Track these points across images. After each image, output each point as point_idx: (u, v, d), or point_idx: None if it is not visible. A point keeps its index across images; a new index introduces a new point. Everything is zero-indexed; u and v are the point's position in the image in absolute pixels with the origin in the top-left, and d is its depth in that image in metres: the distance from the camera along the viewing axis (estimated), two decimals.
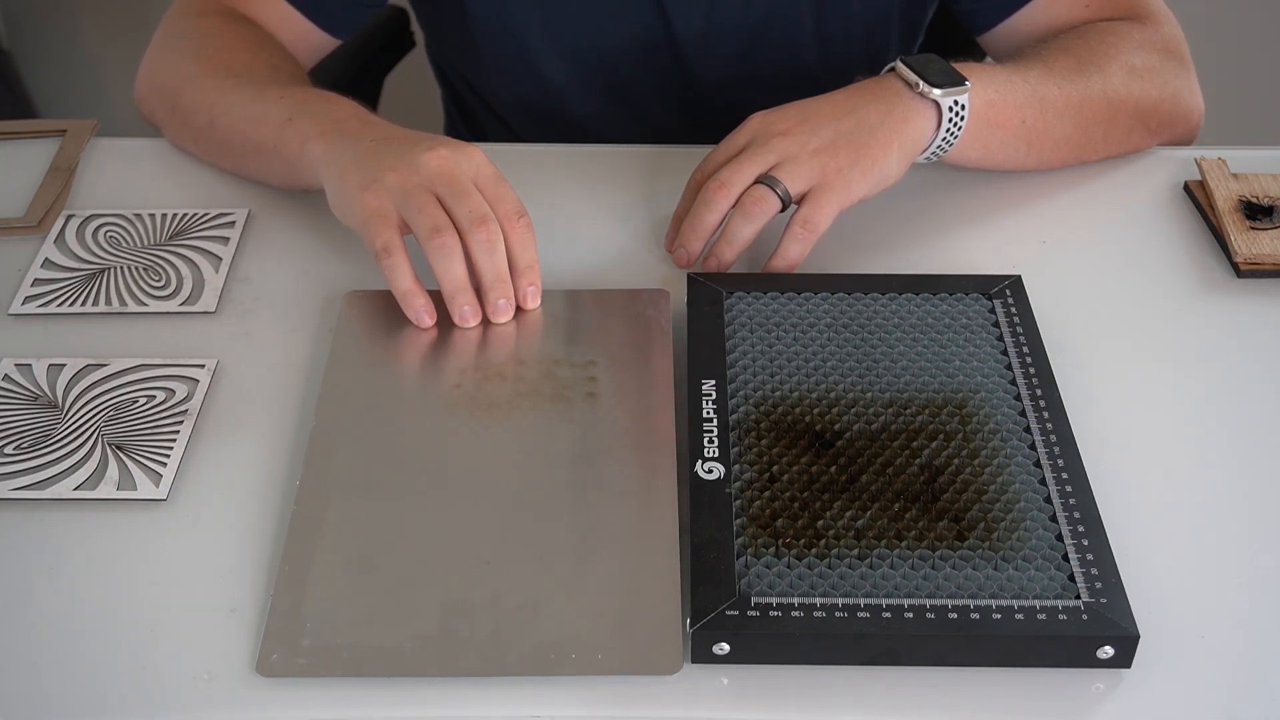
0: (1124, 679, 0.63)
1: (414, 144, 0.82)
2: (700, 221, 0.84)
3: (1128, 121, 0.95)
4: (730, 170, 0.84)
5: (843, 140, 0.84)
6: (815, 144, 0.84)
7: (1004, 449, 0.71)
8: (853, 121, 0.85)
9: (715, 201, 0.84)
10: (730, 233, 0.84)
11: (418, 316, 0.81)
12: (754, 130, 0.86)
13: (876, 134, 0.84)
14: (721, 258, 0.84)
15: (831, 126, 0.85)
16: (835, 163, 0.83)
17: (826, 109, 0.86)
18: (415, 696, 0.63)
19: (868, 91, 0.87)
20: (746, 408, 0.73)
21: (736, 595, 0.63)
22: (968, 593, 0.64)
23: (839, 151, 0.84)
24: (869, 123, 0.85)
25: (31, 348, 0.82)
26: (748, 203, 0.83)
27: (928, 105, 0.86)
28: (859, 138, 0.84)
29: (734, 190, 0.84)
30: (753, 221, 0.83)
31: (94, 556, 0.69)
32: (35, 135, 1.01)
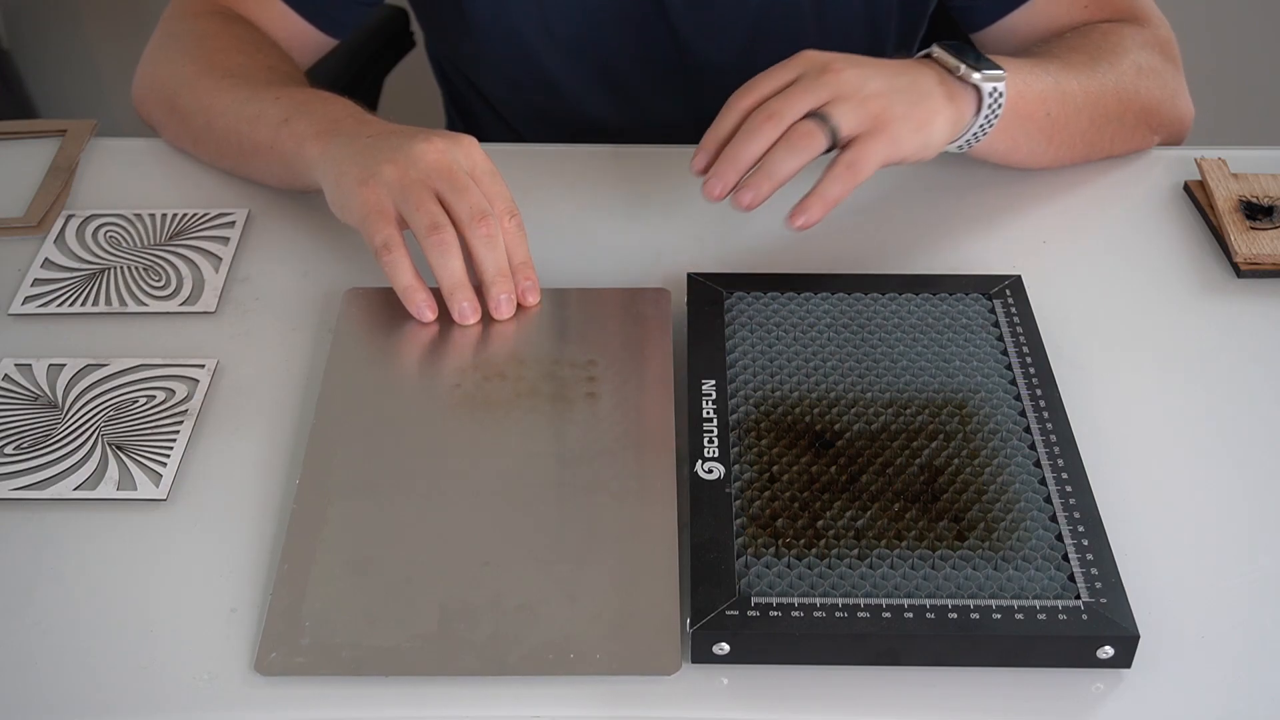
0: (1124, 679, 0.63)
1: (410, 137, 0.82)
2: (743, 150, 0.80)
3: (1134, 120, 0.95)
4: (780, 101, 0.81)
5: (897, 93, 0.81)
6: (870, 89, 0.81)
7: (1004, 449, 0.71)
8: (907, 80, 0.82)
9: (762, 131, 0.80)
10: (772, 165, 0.80)
11: (419, 311, 0.81)
12: (805, 64, 0.83)
13: (929, 98, 0.82)
14: (759, 190, 0.80)
15: (886, 78, 0.82)
16: (889, 111, 0.81)
17: (883, 63, 0.83)
18: (414, 696, 0.63)
19: (915, 63, 0.85)
20: (746, 407, 0.73)
21: (736, 595, 0.63)
22: (968, 593, 0.64)
23: (893, 102, 0.81)
24: (922, 86, 0.83)
25: (31, 348, 0.82)
26: (795, 135, 0.80)
27: (969, 90, 0.85)
28: (913, 95, 0.82)
29: (783, 122, 0.80)
30: (798, 155, 0.80)
31: (94, 556, 0.69)
32: (35, 135, 1.01)
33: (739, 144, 0.80)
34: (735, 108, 0.83)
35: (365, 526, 0.69)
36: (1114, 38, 0.96)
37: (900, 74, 0.83)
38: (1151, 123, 0.97)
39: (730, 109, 0.83)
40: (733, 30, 1.05)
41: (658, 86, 1.09)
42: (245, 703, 0.63)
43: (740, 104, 0.83)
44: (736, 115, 0.82)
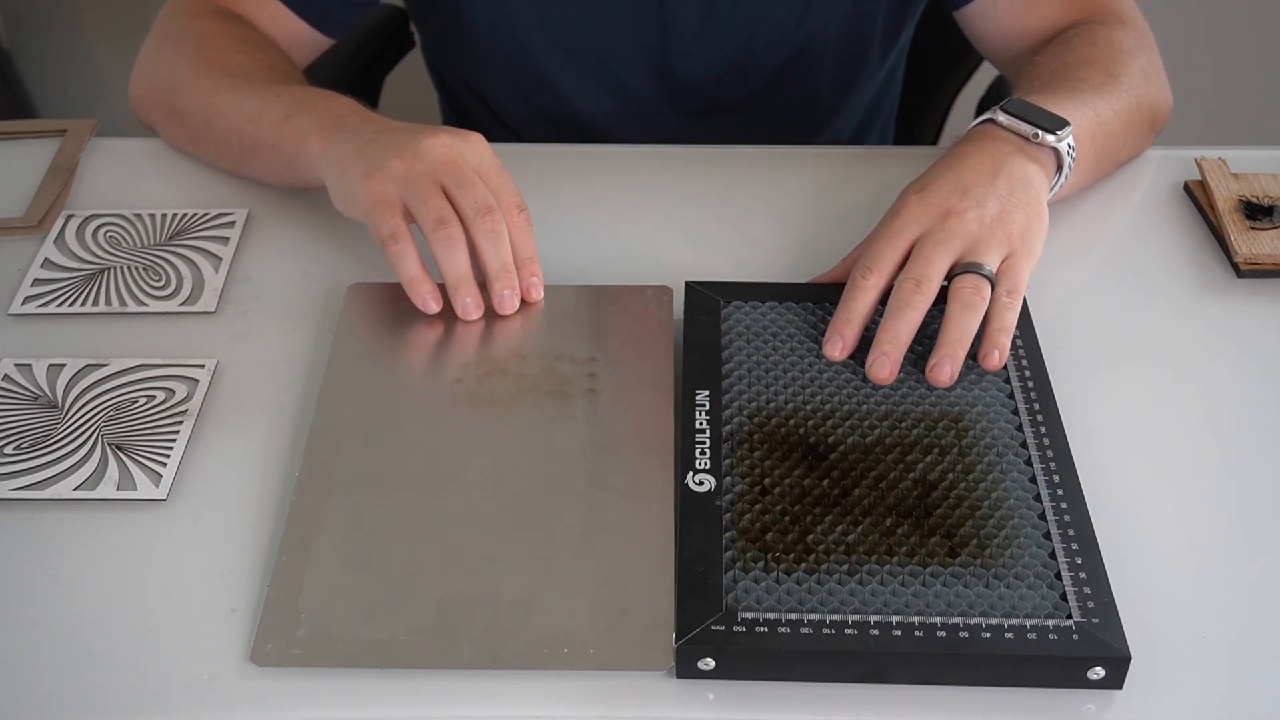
0: (1116, 699, 0.63)
1: (416, 133, 0.83)
2: (902, 325, 0.76)
3: (1147, 127, 0.96)
4: (922, 266, 0.78)
5: (1009, 204, 0.80)
6: (990, 215, 0.80)
7: (999, 464, 0.71)
8: (1005, 181, 0.81)
9: (915, 302, 0.77)
10: (957, 330, 0.76)
11: (424, 303, 0.81)
12: (917, 217, 0.80)
13: (1030, 188, 0.82)
14: (956, 359, 0.75)
15: (992, 193, 0.81)
16: (1015, 229, 0.80)
17: (974, 174, 0.82)
18: (410, 693, 0.63)
19: (992, 145, 0.84)
20: (740, 419, 0.73)
21: (723, 610, 0.63)
22: (958, 610, 0.64)
23: (1013, 216, 0.80)
24: (1019, 176, 0.82)
25: (31, 348, 0.82)
26: (965, 293, 0.77)
27: (1048, 152, 0.85)
28: (1021, 196, 0.81)
29: (933, 287, 0.77)
30: (975, 312, 0.77)
31: (94, 556, 0.69)
32: (35, 135, 1.01)
33: (897, 322, 0.76)
34: (864, 286, 0.78)
35: (364, 520, 0.69)
36: (1115, 43, 0.96)
37: (996, 175, 0.81)
38: (1156, 124, 0.98)
39: (860, 289, 0.78)
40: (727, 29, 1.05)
41: (656, 87, 1.09)
42: (245, 702, 0.63)
43: (869, 281, 0.78)
44: (871, 294, 0.78)
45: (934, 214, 0.80)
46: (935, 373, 0.75)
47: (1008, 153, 0.83)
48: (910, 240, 0.80)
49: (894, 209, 0.82)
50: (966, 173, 0.82)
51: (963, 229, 0.79)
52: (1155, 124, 0.97)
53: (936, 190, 0.81)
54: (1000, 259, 0.79)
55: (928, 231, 0.79)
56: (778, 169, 0.98)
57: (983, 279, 0.77)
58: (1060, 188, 0.87)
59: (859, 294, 0.78)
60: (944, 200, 0.80)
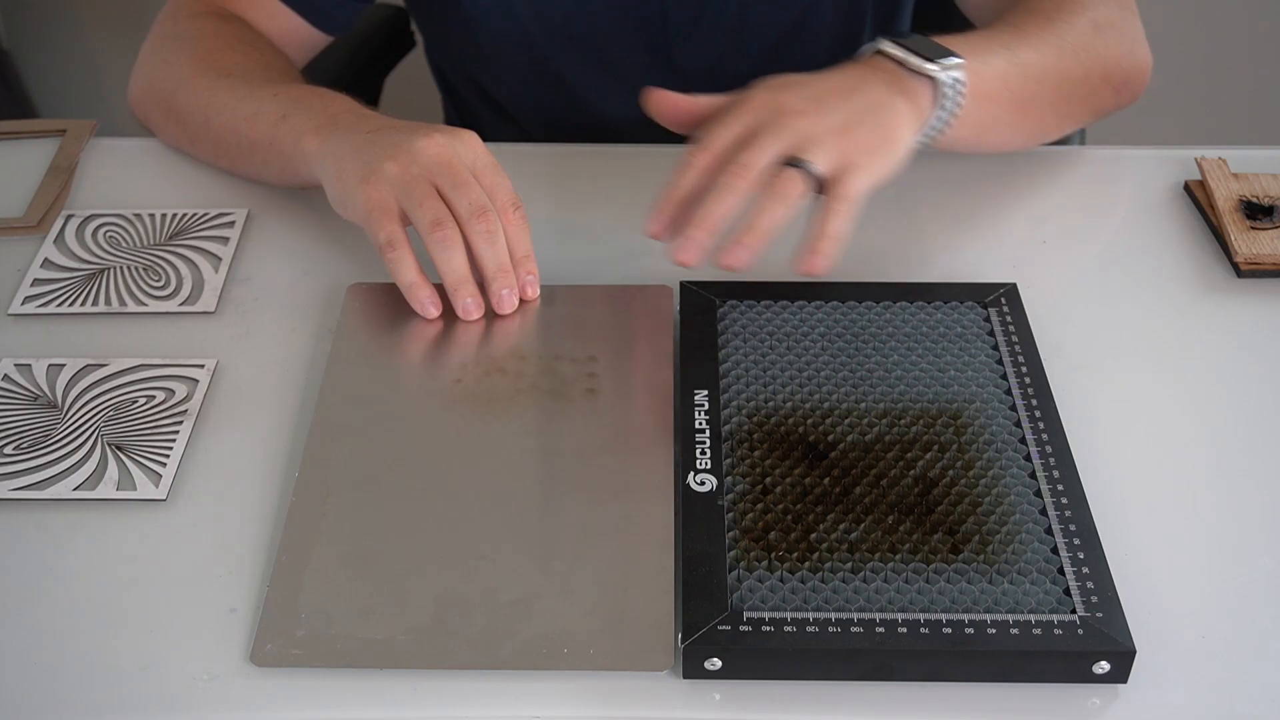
0: (1121, 693, 0.63)
1: (410, 132, 0.83)
2: (716, 209, 0.75)
3: (1099, 81, 0.91)
4: (749, 152, 0.76)
5: (858, 119, 0.78)
6: (832, 123, 0.77)
7: (999, 460, 0.71)
8: (863, 99, 0.79)
9: (735, 186, 0.75)
10: (760, 219, 0.75)
11: (424, 308, 0.81)
12: (762, 109, 0.78)
13: (889, 111, 0.79)
14: (751, 248, 0.75)
15: (844, 105, 0.78)
16: (857, 143, 0.77)
17: (833, 86, 0.80)
18: (410, 694, 0.63)
19: (866, 70, 0.81)
20: (739, 418, 0.73)
21: (728, 610, 0.63)
22: (962, 607, 0.64)
23: (858, 130, 0.77)
24: (879, 100, 0.79)
25: (31, 348, 0.82)
26: (779, 184, 0.75)
27: (925, 82, 0.81)
28: (875, 115, 0.79)
29: (755, 174, 0.75)
30: (784, 204, 0.75)
31: (94, 556, 0.69)
32: (35, 135, 1.01)
33: (712, 203, 0.75)
34: (692, 164, 0.77)
35: (363, 520, 0.69)
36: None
37: (855, 91, 0.79)
38: (1114, 81, 0.93)
39: (687, 166, 0.77)
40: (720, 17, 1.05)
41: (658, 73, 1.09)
42: (245, 702, 0.63)
43: (698, 160, 0.77)
44: (696, 172, 0.77)
45: (779, 109, 0.78)
46: (727, 257, 0.75)
47: (879, 79, 0.80)
48: (749, 126, 0.77)
49: (743, 94, 0.79)
50: (826, 84, 0.80)
51: (799, 126, 0.77)
52: (1111, 80, 0.92)
53: (790, 89, 0.79)
54: (832, 166, 0.76)
55: (766, 122, 0.77)
56: None
57: (801, 174, 0.75)
58: (948, 125, 0.83)
59: (687, 171, 0.77)
60: (792, 101, 0.78)
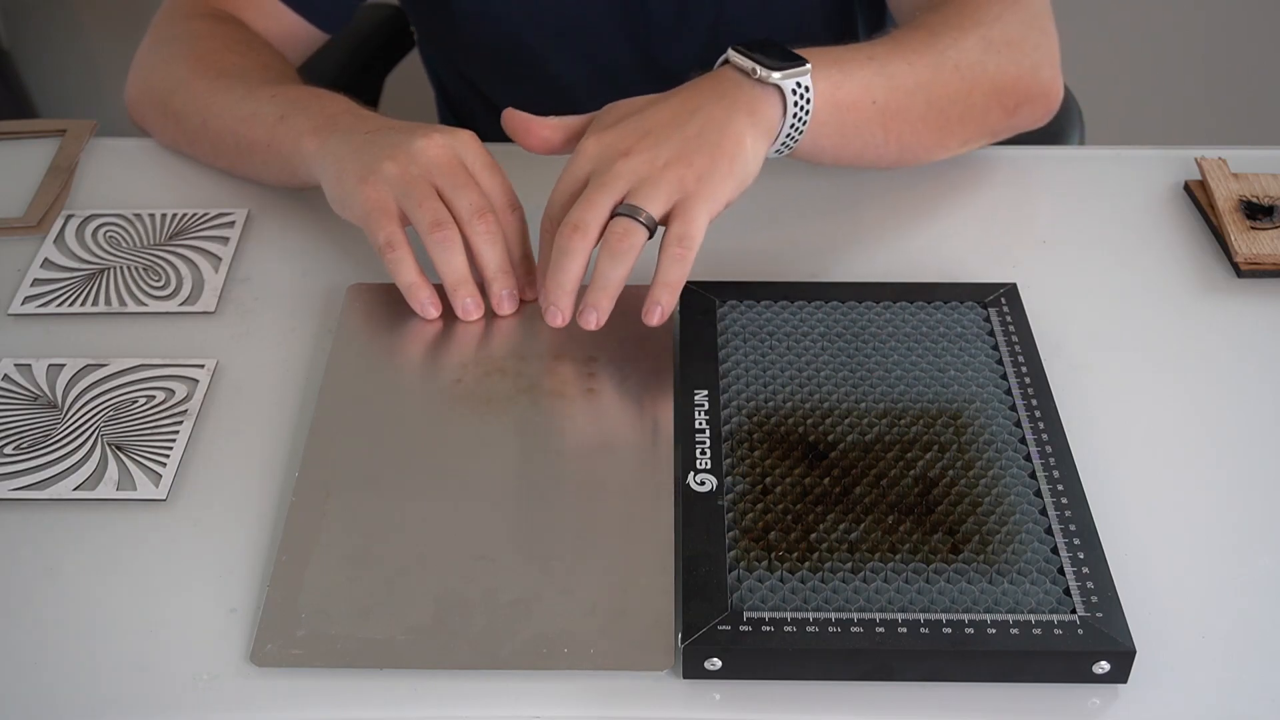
0: (1121, 693, 0.63)
1: (409, 132, 0.83)
2: (563, 275, 0.76)
3: (984, 100, 0.89)
4: (581, 209, 0.76)
5: (692, 146, 0.77)
6: (665, 157, 0.76)
7: (999, 460, 0.71)
8: (698, 123, 0.78)
9: (573, 249, 0.75)
10: (601, 278, 0.76)
11: (423, 308, 0.81)
12: (592, 157, 0.78)
13: (726, 131, 0.77)
14: (599, 308, 0.76)
15: (677, 134, 0.77)
16: (692, 171, 0.76)
17: (665, 115, 0.78)
18: (410, 694, 0.63)
19: (705, 88, 0.80)
20: (739, 418, 0.73)
21: (728, 610, 0.63)
22: (962, 607, 0.64)
23: (693, 159, 0.76)
24: (716, 121, 0.78)
25: (31, 348, 0.82)
26: (612, 240, 0.75)
27: (770, 91, 0.80)
28: (709, 138, 0.77)
29: (591, 231, 0.76)
30: (622, 260, 0.75)
31: (94, 556, 0.69)
32: (35, 135, 1.01)
33: (557, 269, 0.76)
34: (544, 229, 0.79)
35: (363, 520, 0.69)
36: (969, 9, 0.90)
37: (690, 117, 0.78)
38: (1006, 101, 0.90)
39: (542, 232, 0.80)
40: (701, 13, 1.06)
41: (643, 71, 1.09)
42: (245, 702, 0.63)
43: (546, 224, 0.79)
44: (548, 238, 0.79)
45: (612, 151, 0.77)
46: (582, 320, 0.76)
47: (718, 95, 0.79)
48: (578, 181, 0.78)
49: (577, 148, 0.79)
50: (660, 112, 0.79)
51: (629, 171, 0.76)
52: (1003, 99, 0.90)
53: (622, 128, 0.78)
54: (669, 202, 0.76)
55: (596, 171, 0.77)
56: (774, 170, 0.98)
57: (635, 224, 0.75)
58: (797, 133, 0.81)
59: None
60: (623, 140, 0.77)
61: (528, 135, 0.82)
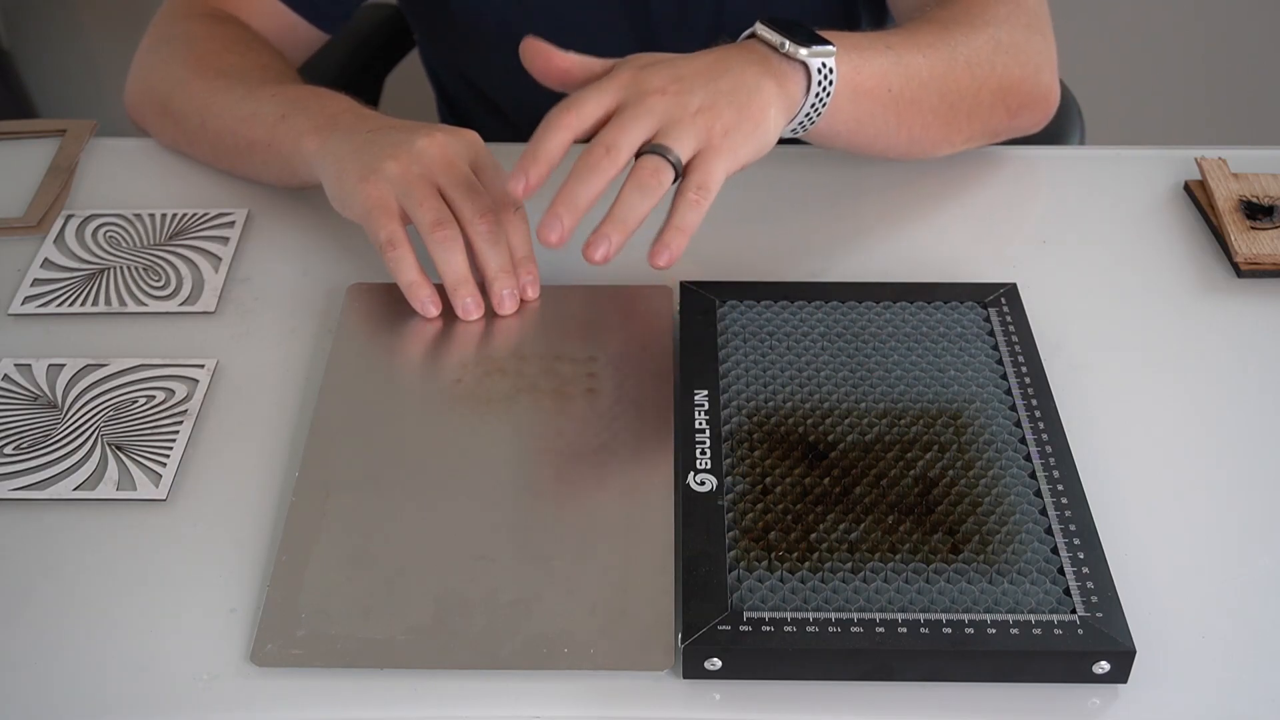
0: (1121, 693, 0.63)
1: (411, 132, 0.83)
2: (582, 190, 0.74)
3: (990, 99, 0.90)
4: (615, 132, 0.74)
5: (724, 100, 0.76)
6: (696, 104, 0.76)
7: (999, 460, 0.71)
8: (730, 81, 0.77)
9: (601, 168, 0.74)
10: (624, 211, 0.74)
11: (424, 307, 0.81)
12: (625, 87, 0.76)
13: (755, 95, 0.77)
14: (612, 242, 0.74)
15: (709, 85, 0.77)
16: (720, 124, 0.76)
17: (699, 65, 0.78)
18: (410, 694, 0.63)
19: (736, 53, 0.80)
20: (739, 418, 0.73)
21: (728, 610, 0.63)
22: (962, 607, 0.64)
23: (722, 112, 0.76)
24: (746, 82, 0.78)
25: (31, 348, 0.82)
26: (644, 174, 0.74)
27: (797, 68, 0.79)
28: (739, 97, 0.77)
29: (623, 156, 0.74)
30: (650, 195, 0.74)
31: (94, 556, 0.69)
32: (35, 135, 1.01)
33: (578, 184, 0.74)
34: (559, 125, 0.76)
35: (363, 520, 0.69)
36: (976, 8, 0.91)
37: (723, 73, 0.78)
38: (1009, 103, 0.91)
39: (554, 127, 0.76)
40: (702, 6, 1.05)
41: None
42: (245, 702, 0.63)
43: (564, 120, 0.76)
44: (563, 133, 0.76)
45: (643, 89, 0.76)
46: (589, 249, 0.74)
47: (748, 60, 0.79)
48: (615, 101, 0.76)
49: (615, 68, 0.78)
50: (694, 62, 0.78)
51: (661, 108, 0.75)
52: (1007, 100, 0.91)
53: (657, 69, 0.77)
54: (694, 149, 0.75)
55: (628, 100, 0.76)
56: (774, 168, 0.98)
57: (665, 163, 0.74)
58: (820, 115, 0.82)
59: (556, 131, 0.75)
60: (657, 79, 0.77)
61: (547, 64, 0.80)
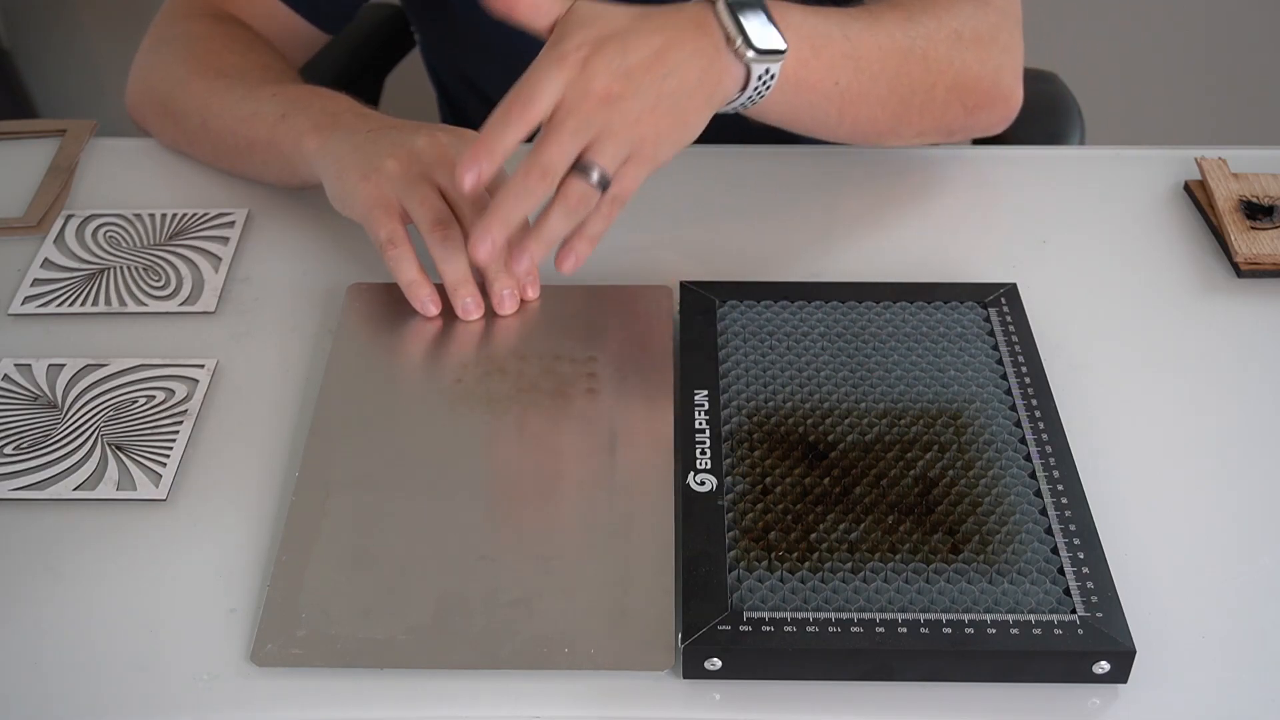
0: (1121, 693, 0.63)
1: (412, 131, 0.83)
2: (514, 211, 0.75)
3: (945, 95, 0.89)
4: (553, 151, 0.74)
5: (664, 106, 0.76)
6: (636, 113, 0.75)
7: (999, 460, 0.71)
8: (674, 82, 0.76)
9: (536, 191, 0.75)
10: (549, 230, 0.76)
11: (424, 306, 0.81)
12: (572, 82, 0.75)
13: (693, 99, 0.77)
14: (533, 256, 0.77)
15: (653, 89, 0.75)
16: (654, 134, 0.76)
17: (649, 56, 0.76)
18: (410, 694, 0.63)
19: (689, 35, 0.77)
20: (739, 418, 0.73)
21: (728, 610, 0.63)
22: (962, 607, 0.64)
23: (659, 121, 0.76)
24: (688, 84, 0.77)
25: (31, 348, 0.82)
26: (571, 199, 0.75)
27: (739, 65, 0.79)
28: (679, 102, 0.76)
29: (558, 178, 0.75)
30: (575, 218, 0.76)
31: (94, 556, 0.69)
32: (35, 135, 1.01)
33: (514, 203, 0.75)
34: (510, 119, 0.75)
35: (363, 519, 0.69)
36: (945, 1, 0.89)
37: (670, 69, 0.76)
38: (966, 100, 0.90)
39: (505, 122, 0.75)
40: None
41: None
42: (245, 702, 0.63)
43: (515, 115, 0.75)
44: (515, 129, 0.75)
45: (593, 85, 0.74)
46: (512, 262, 0.78)
47: (696, 52, 0.77)
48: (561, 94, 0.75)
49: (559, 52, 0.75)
50: (643, 50, 0.76)
51: (603, 120, 0.74)
52: (964, 97, 0.89)
53: (605, 60, 0.75)
54: (623, 160, 0.76)
55: (572, 103, 0.74)
56: (775, 168, 0.98)
57: (592, 189, 0.75)
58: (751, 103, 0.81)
59: (509, 127, 0.75)
60: (603, 76, 0.74)
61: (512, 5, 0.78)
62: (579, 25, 0.77)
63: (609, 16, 0.78)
